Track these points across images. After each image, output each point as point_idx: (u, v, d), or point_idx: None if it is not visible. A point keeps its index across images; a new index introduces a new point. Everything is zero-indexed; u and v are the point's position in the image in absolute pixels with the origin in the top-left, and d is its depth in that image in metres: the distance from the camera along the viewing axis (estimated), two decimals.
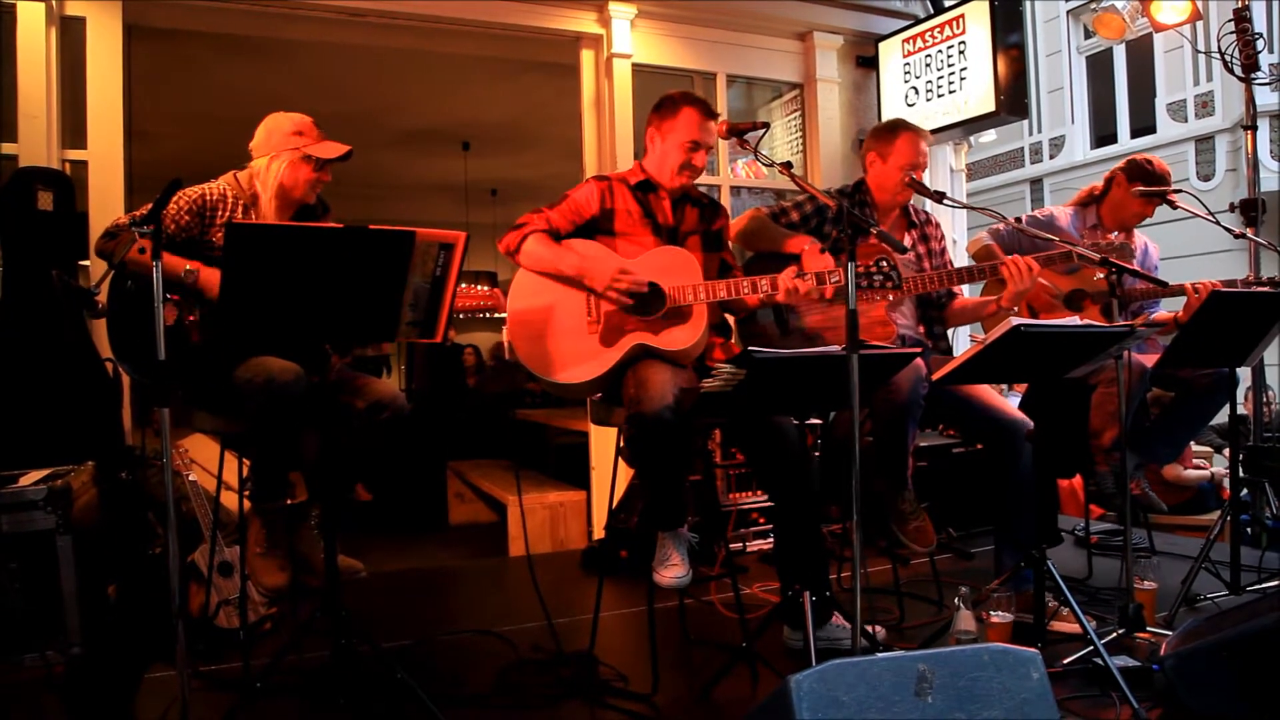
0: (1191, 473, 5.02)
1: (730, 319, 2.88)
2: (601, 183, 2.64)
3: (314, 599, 2.46)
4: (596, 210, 2.59)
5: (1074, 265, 2.93)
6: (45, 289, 3.08)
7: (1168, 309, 3.31)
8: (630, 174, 2.67)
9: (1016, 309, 2.76)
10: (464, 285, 2.38)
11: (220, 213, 2.41)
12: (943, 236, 3.06)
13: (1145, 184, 3.15)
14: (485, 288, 2.53)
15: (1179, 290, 2.94)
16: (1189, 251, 7.77)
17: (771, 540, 3.79)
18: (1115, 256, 2.43)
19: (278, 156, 2.46)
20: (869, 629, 2.49)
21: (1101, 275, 2.48)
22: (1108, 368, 2.65)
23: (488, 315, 2.53)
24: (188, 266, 2.27)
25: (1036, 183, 12.06)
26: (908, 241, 2.93)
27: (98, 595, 2.76)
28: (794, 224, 2.83)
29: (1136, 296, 3.06)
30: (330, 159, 2.49)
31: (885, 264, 2.31)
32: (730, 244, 2.83)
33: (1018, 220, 3.04)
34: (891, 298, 2.65)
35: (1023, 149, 12.25)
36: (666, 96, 2.65)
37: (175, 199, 2.32)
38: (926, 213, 3.08)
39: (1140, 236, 3.33)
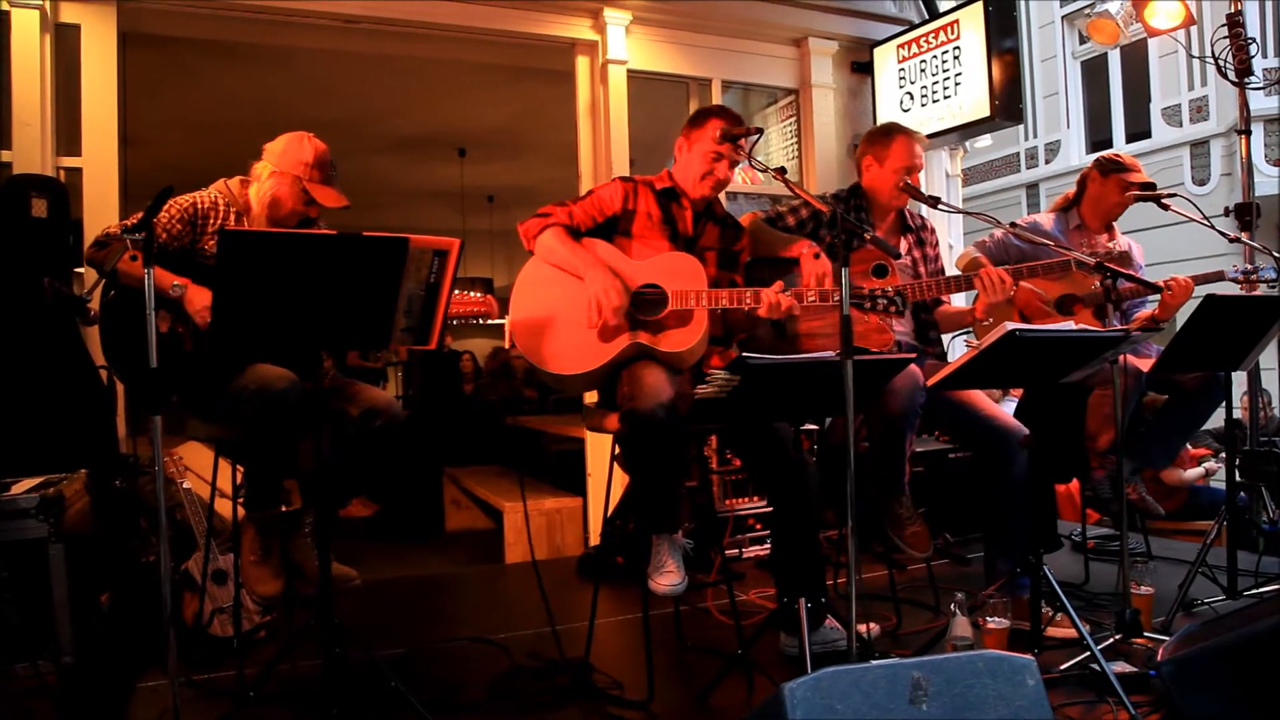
0: (1191, 473, 5.02)
1: None
2: (627, 184, 2.65)
3: (308, 607, 2.46)
4: (618, 209, 2.60)
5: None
6: (38, 296, 3.07)
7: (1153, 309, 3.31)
8: (657, 179, 2.68)
9: (991, 319, 2.76)
10: (458, 292, 2.37)
11: (212, 220, 2.40)
12: (937, 243, 3.06)
13: (1118, 172, 3.19)
14: (478, 294, 2.51)
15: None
16: (1184, 256, 7.77)
17: (768, 546, 3.78)
18: (1114, 264, 2.43)
19: (282, 177, 2.45)
20: (860, 628, 2.48)
21: (1096, 279, 2.49)
22: (1105, 369, 2.65)
23: (480, 322, 2.52)
24: (175, 282, 2.24)
25: (1032, 188, 12.09)
26: (903, 247, 2.93)
27: (90, 604, 2.75)
28: (789, 228, 2.83)
29: (1126, 296, 3.07)
30: (325, 206, 2.48)
31: (891, 289, 2.30)
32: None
33: (1013, 225, 3.04)
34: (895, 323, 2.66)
35: (1018, 154, 12.29)
36: (699, 109, 2.68)
37: (166, 207, 2.31)
38: (923, 218, 3.07)
39: (1123, 238, 3.34)
